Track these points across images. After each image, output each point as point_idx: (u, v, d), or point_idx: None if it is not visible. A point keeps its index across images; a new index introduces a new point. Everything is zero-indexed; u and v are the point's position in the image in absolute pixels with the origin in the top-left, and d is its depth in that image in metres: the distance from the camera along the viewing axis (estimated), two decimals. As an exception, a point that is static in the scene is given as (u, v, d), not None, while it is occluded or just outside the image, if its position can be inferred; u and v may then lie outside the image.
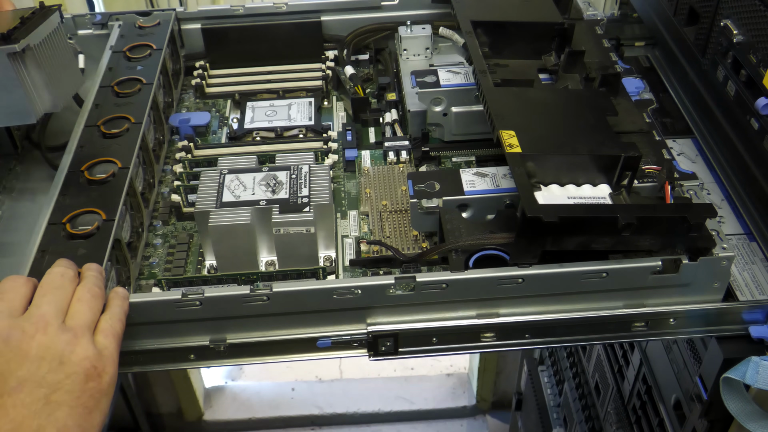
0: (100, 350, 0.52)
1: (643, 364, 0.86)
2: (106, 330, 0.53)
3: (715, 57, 0.75)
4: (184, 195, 0.71)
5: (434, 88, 0.76)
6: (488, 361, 1.80)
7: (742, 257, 0.67)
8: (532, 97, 0.70)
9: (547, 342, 0.63)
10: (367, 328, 0.60)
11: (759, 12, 0.67)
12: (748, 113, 0.69)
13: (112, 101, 0.75)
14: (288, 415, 1.91)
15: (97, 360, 0.51)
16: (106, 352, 0.52)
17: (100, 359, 0.51)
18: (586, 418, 1.11)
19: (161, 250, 0.69)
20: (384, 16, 0.92)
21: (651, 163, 0.65)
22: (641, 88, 0.86)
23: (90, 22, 0.90)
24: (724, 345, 0.62)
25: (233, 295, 0.57)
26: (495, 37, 0.76)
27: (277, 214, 0.64)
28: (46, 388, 0.49)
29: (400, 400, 1.93)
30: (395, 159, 0.78)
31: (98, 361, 0.51)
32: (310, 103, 0.83)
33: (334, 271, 0.66)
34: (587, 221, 0.56)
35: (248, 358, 0.62)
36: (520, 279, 0.58)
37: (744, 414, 0.61)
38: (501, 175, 0.66)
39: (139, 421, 1.68)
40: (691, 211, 0.57)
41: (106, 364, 0.52)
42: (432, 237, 0.68)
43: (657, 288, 0.60)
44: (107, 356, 0.52)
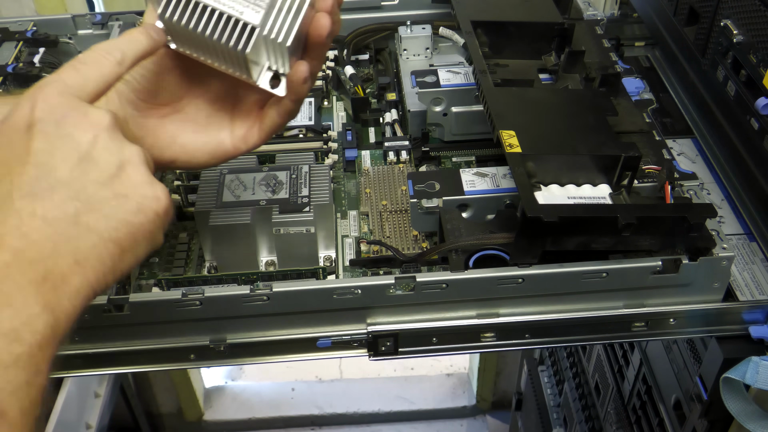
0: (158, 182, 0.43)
1: (643, 364, 0.86)
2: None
3: (715, 57, 0.75)
4: (184, 195, 0.71)
5: (434, 88, 0.76)
6: (488, 361, 1.80)
7: (742, 257, 0.67)
8: (532, 97, 0.70)
9: (547, 342, 0.63)
10: (367, 328, 0.60)
11: (759, 12, 0.67)
12: (748, 113, 0.69)
13: (112, 101, 0.75)
14: (288, 415, 1.91)
15: (160, 192, 0.43)
16: (164, 186, 0.44)
17: (163, 193, 0.43)
18: (586, 418, 1.11)
19: (161, 250, 0.69)
20: (384, 16, 0.92)
21: (651, 163, 0.65)
22: (641, 88, 0.86)
23: (90, 22, 0.90)
24: (724, 345, 0.62)
25: (233, 295, 0.57)
26: (495, 37, 0.76)
27: (277, 214, 0.64)
28: (82, 203, 0.40)
29: (400, 400, 1.93)
30: (395, 159, 0.78)
31: (160, 194, 0.43)
32: (310, 103, 0.83)
33: (334, 271, 0.66)
34: (587, 221, 0.56)
35: (248, 358, 0.62)
36: (520, 279, 0.58)
37: (744, 414, 0.61)
38: (501, 175, 0.66)
39: (139, 421, 1.68)
40: (691, 211, 0.57)
41: (166, 200, 0.43)
42: (432, 237, 0.68)
43: (657, 288, 0.60)
44: (166, 192, 0.44)
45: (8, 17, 0.90)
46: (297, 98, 0.52)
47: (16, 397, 0.36)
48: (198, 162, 0.53)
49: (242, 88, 0.53)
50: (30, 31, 0.84)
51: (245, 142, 0.54)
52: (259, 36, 0.47)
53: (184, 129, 0.53)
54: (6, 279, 0.37)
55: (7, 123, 0.40)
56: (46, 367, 0.38)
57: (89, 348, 0.60)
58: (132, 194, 0.41)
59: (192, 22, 0.47)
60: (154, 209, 0.42)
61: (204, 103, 0.54)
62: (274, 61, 0.49)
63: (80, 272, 0.39)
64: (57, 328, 0.38)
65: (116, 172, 0.41)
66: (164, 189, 0.43)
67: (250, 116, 0.54)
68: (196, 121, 0.53)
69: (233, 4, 0.47)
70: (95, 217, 0.40)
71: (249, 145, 0.54)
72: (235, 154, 0.54)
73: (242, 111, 0.54)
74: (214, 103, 0.54)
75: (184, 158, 0.53)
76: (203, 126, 0.53)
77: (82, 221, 0.39)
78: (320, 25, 0.49)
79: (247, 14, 0.46)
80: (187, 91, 0.53)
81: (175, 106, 0.53)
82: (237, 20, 0.47)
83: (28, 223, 0.38)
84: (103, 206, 0.40)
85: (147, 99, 0.51)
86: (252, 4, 0.47)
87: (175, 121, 0.53)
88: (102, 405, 1.37)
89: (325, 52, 0.53)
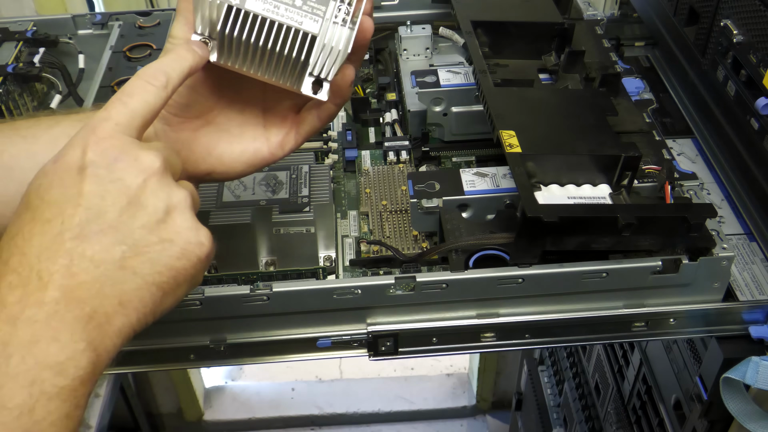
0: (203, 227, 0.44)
1: (643, 364, 0.86)
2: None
3: (715, 57, 0.75)
4: (184, 195, 0.71)
5: (434, 88, 0.76)
6: (488, 361, 1.80)
7: (742, 257, 0.67)
8: (532, 97, 0.70)
9: (547, 342, 0.63)
10: (367, 328, 0.60)
11: (759, 12, 0.67)
12: (748, 113, 0.69)
13: (112, 101, 0.75)
14: (288, 415, 1.91)
15: (204, 238, 0.44)
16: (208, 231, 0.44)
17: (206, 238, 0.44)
18: (586, 418, 1.11)
19: (161, 250, 0.69)
20: (384, 16, 0.92)
21: (651, 163, 0.65)
22: (641, 88, 0.86)
23: (90, 22, 0.90)
24: (724, 345, 0.62)
25: (233, 295, 0.57)
26: (495, 37, 0.76)
27: (277, 214, 0.64)
28: (129, 247, 0.40)
29: (400, 400, 1.93)
30: (395, 159, 0.78)
31: (204, 239, 0.43)
32: (310, 103, 0.83)
33: (334, 271, 0.66)
34: (587, 221, 0.56)
35: (248, 358, 0.62)
36: (520, 279, 0.58)
37: (744, 414, 0.61)
38: (501, 175, 0.66)
39: (139, 421, 1.68)
40: (691, 211, 0.57)
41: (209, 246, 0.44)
42: (432, 237, 0.68)
43: (657, 288, 0.60)
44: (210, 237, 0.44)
45: (8, 17, 0.90)
46: (341, 101, 0.53)
47: (56, 427, 0.37)
48: (236, 172, 0.54)
49: (272, 95, 0.53)
50: (30, 31, 0.84)
51: (282, 148, 0.53)
52: (318, 45, 0.48)
53: (218, 140, 0.53)
54: (54, 315, 0.38)
55: (59, 164, 0.41)
56: (85, 402, 0.39)
57: (89, 348, 0.60)
58: (177, 239, 0.42)
59: (252, 35, 0.47)
60: (197, 254, 0.43)
61: (234, 113, 0.53)
62: (320, 67, 0.49)
63: (123, 313, 0.41)
64: (98, 365, 0.40)
65: (163, 217, 0.42)
66: (207, 234, 0.44)
67: (285, 122, 0.54)
68: (229, 131, 0.53)
69: (291, 15, 0.47)
70: (140, 261, 0.41)
71: (286, 151, 0.54)
72: (273, 161, 0.54)
73: (276, 117, 0.54)
74: (244, 112, 0.54)
75: (222, 169, 0.53)
76: (237, 136, 0.53)
77: (128, 264, 0.41)
78: (366, 28, 0.50)
79: (306, 24, 0.47)
80: (217, 102, 0.53)
81: (206, 118, 0.53)
82: (297, 30, 0.47)
83: (78, 263, 0.39)
84: (149, 251, 0.41)
85: (179, 113, 0.51)
86: (309, 14, 0.47)
87: (208, 133, 0.53)
88: (102, 405, 1.37)
89: (365, 54, 0.53)
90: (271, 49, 0.48)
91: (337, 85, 0.50)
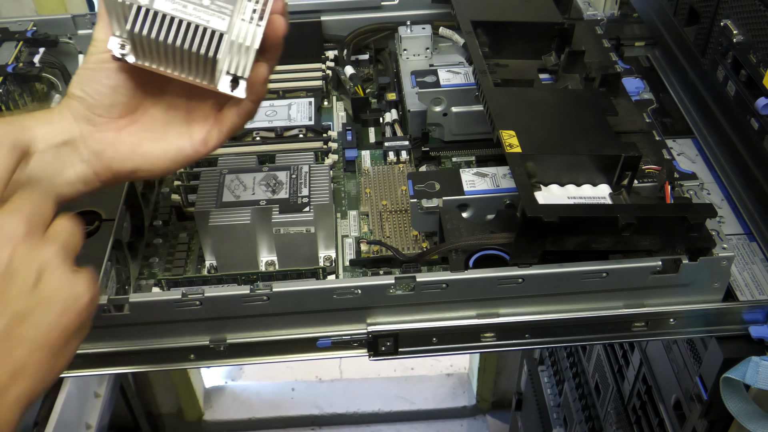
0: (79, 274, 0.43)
1: (643, 364, 0.86)
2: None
3: (715, 57, 0.75)
4: (184, 195, 0.71)
5: (434, 88, 0.76)
6: (488, 361, 1.80)
7: (742, 257, 0.67)
8: (532, 97, 0.70)
9: (547, 342, 0.63)
10: (367, 328, 0.60)
11: (759, 12, 0.67)
12: (748, 113, 0.69)
13: (112, 101, 0.75)
14: (288, 415, 1.91)
15: (82, 287, 0.43)
16: (86, 276, 0.44)
17: (84, 287, 0.43)
18: (586, 418, 1.11)
19: (161, 250, 0.69)
20: (384, 16, 0.91)
21: (651, 163, 0.65)
22: (641, 88, 0.86)
23: (90, 22, 0.90)
24: (724, 345, 0.62)
25: (233, 295, 0.57)
26: (495, 37, 0.76)
27: (277, 214, 0.64)
28: (10, 317, 0.40)
29: (400, 400, 1.93)
30: (395, 159, 0.78)
31: (81, 289, 0.43)
32: (310, 103, 0.83)
33: (334, 271, 0.66)
34: (587, 221, 0.56)
35: (248, 358, 0.62)
36: (520, 279, 0.58)
37: (744, 414, 0.61)
38: (501, 175, 0.66)
39: (139, 421, 1.68)
40: (691, 211, 0.57)
41: (89, 293, 0.43)
42: (432, 237, 0.68)
43: (657, 288, 0.60)
44: (89, 282, 0.44)
45: (8, 17, 0.90)
46: (257, 99, 0.54)
47: None
48: (160, 169, 0.55)
49: (196, 94, 0.55)
50: (30, 31, 0.84)
51: (205, 145, 0.55)
52: (227, 41, 0.49)
53: (142, 139, 0.54)
54: None
55: None
56: None
57: (89, 348, 0.60)
58: (55, 297, 0.42)
59: (161, 34, 0.49)
60: (78, 306, 0.43)
61: (159, 112, 0.55)
62: (235, 65, 0.51)
63: (18, 383, 0.40)
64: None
65: (36, 279, 0.41)
66: (86, 280, 0.44)
67: (208, 120, 0.55)
68: (153, 130, 0.54)
69: (198, 14, 0.49)
70: (25, 327, 0.41)
71: (209, 148, 0.55)
72: (197, 158, 0.55)
73: (199, 116, 0.55)
74: (168, 111, 0.55)
75: (147, 167, 0.54)
76: (161, 134, 0.54)
77: (13, 334, 0.40)
78: (277, 27, 0.51)
79: (214, 22, 0.49)
80: (142, 102, 0.54)
81: (131, 118, 0.54)
82: (205, 29, 0.49)
83: None
84: (32, 314, 0.41)
85: (103, 114, 0.52)
86: (217, 13, 0.49)
87: (133, 133, 0.54)
88: (102, 405, 1.37)
89: (279, 53, 0.54)
90: (181, 48, 0.49)
91: (251, 82, 0.52)
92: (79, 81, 0.52)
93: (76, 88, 0.52)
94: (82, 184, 0.53)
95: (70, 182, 0.52)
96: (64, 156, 0.52)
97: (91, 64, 0.52)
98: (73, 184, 0.53)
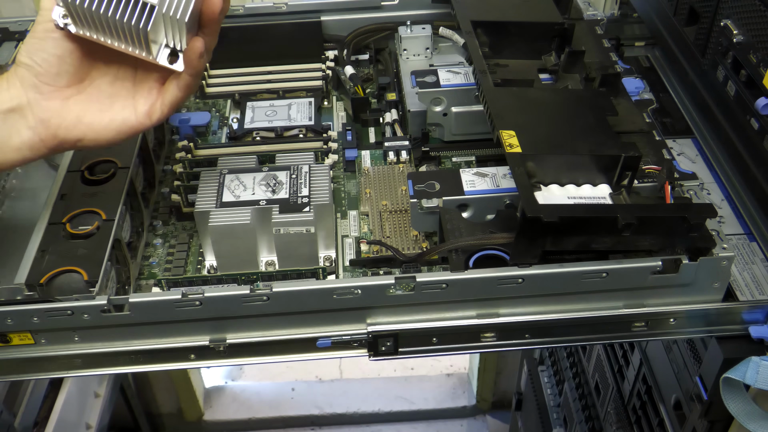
0: None
1: (643, 364, 0.86)
2: None
3: (715, 57, 0.75)
4: (184, 195, 0.71)
5: (434, 88, 0.76)
6: (488, 361, 1.80)
7: (742, 257, 0.67)
8: (532, 97, 0.70)
9: (547, 342, 0.63)
10: (367, 328, 0.60)
11: (759, 12, 0.67)
12: (748, 113, 0.69)
13: (112, 101, 0.75)
14: (288, 415, 1.91)
15: None
16: None
17: None
18: (586, 418, 1.11)
19: (161, 250, 0.69)
20: (384, 16, 0.92)
21: (651, 163, 0.65)
22: (641, 88, 0.86)
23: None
24: (724, 345, 0.62)
25: (233, 295, 0.57)
26: (495, 37, 0.76)
27: (277, 214, 0.64)
28: None
29: (400, 400, 1.93)
30: (395, 159, 0.78)
31: None
32: (310, 103, 0.83)
33: (334, 271, 0.66)
34: (587, 221, 0.56)
35: (248, 358, 0.62)
36: (520, 279, 0.58)
37: (744, 414, 0.61)
38: (501, 175, 0.66)
39: (139, 421, 1.68)
40: (691, 211, 0.57)
41: None
42: (432, 237, 0.68)
43: (657, 288, 0.60)
44: None
45: (8, 17, 0.90)
46: (195, 72, 0.56)
47: None
48: (105, 139, 0.57)
49: (141, 67, 0.57)
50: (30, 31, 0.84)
51: (149, 117, 0.57)
52: (158, 14, 0.51)
53: (88, 109, 0.56)
54: None
55: None
56: None
57: (89, 348, 0.60)
58: None
59: (94, 4, 0.51)
60: None
61: (105, 84, 0.57)
62: (171, 38, 0.53)
63: None
64: None
65: None
66: None
67: (152, 93, 0.57)
68: (99, 100, 0.57)
69: None
70: None
71: (153, 121, 0.57)
72: (141, 129, 0.58)
73: (144, 89, 0.57)
74: (114, 83, 0.57)
75: (92, 136, 0.56)
76: (107, 105, 0.57)
77: None
78: (213, 3, 0.54)
79: None
80: (88, 73, 0.56)
81: (77, 88, 0.56)
82: (137, 0, 0.51)
83: None
84: None
85: (50, 82, 0.55)
86: None
87: (79, 102, 0.56)
88: (102, 405, 1.37)
89: (218, 29, 0.57)
90: (114, 18, 0.51)
91: (187, 55, 0.55)
92: (27, 49, 0.55)
93: (24, 56, 0.54)
94: (29, 150, 0.55)
95: (17, 148, 0.55)
96: (12, 122, 0.54)
97: (39, 33, 0.54)
98: (19, 150, 0.55)
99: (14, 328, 0.58)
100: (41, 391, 1.20)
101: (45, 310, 0.57)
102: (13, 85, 0.54)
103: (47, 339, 0.59)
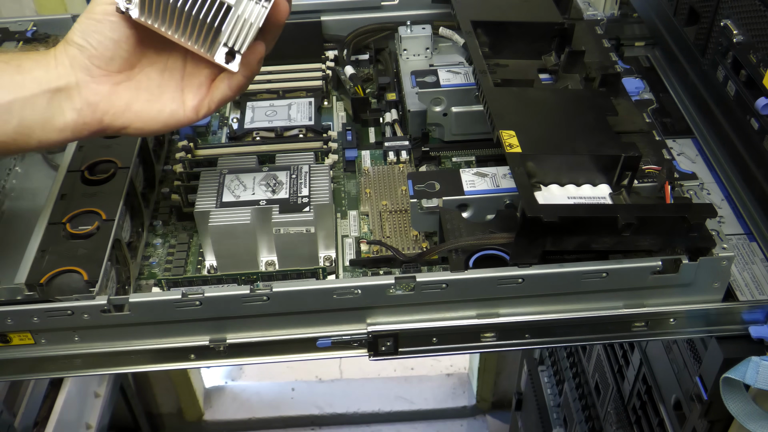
0: None
1: (643, 364, 0.86)
2: None
3: (715, 57, 0.75)
4: (184, 195, 0.71)
5: (434, 88, 0.76)
6: (488, 361, 1.80)
7: (742, 257, 0.67)
8: (532, 97, 0.70)
9: (547, 342, 0.63)
10: (367, 328, 0.60)
11: (759, 12, 0.67)
12: (748, 113, 0.69)
13: (112, 101, 0.75)
14: (288, 415, 1.91)
15: None
16: None
17: None
18: (586, 418, 1.11)
19: (161, 250, 0.69)
20: (384, 16, 0.92)
21: (651, 163, 0.65)
22: (641, 88, 0.86)
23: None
24: (724, 345, 0.62)
25: (233, 295, 0.57)
26: (495, 37, 0.76)
27: (277, 214, 0.64)
28: None
29: (400, 400, 1.93)
30: (395, 159, 0.78)
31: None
32: (310, 103, 0.83)
33: (334, 271, 0.66)
34: (587, 221, 0.56)
35: (248, 358, 0.62)
36: (520, 279, 0.58)
37: (744, 414, 0.61)
38: (501, 175, 0.66)
39: (139, 421, 1.68)
40: (691, 211, 0.57)
41: None
42: (432, 237, 0.68)
43: (657, 288, 0.60)
44: None
45: (8, 17, 0.90)
46: (250, 74, 0.56)
47: None
48: (151, 129, 0.57)
49: (191, 62, 0.57)
50: (30, 31, 0.84)
51: (197, 113, 0.57)
52: (233, 14, 0.51)
53: (137, 97, 0.55)
54: None
55: None
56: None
57: (89, 348, 0.60)
58: None
59: None
60: None
61: (155, 74, 0.56)
62: (235, 39, 0.53)
63: None
64: None
65: None
66: None
67: (201, 89, 0.57)
68: (149, 90, 0.56)
69: None
70: None
71: (200, 116, 0.57)
72: (187, 123, 0.57)
73: (193, 83, 0.57)
74: (163, 74, 0.57)
75: (138, 125, 0.56)
76: (156, 95, 0.56)
77: None
78: (281, 10, 0.54)
79: None
80: (140, 60, 0.56)
81: (128, 74, 0.55)
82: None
83: None
84: None
85: (102, 66, 0.54)
86: None
87: (128, 89, 0.55)
88: (102, 405, 1.37)
89: (278, 34, 0.57)
90: (188, 11, 0.51)
91: (247, 58, 0.54)
92: (82, 29, 0.53)
93: (77, 36, 0.53)
94: (71, 131, 0.54)
95: (60, 129, 0.54)
96: (58, 102, 0.53)
97: (97, 15, 0.53)
98: (62, 131, 0.54)
99: (14, 328, 0.58)
100: (41, 391, 1.21)
101: (45, 310, 0.57)
102: (61, 64, 0.53)
103: (47, 339, 0.59)
